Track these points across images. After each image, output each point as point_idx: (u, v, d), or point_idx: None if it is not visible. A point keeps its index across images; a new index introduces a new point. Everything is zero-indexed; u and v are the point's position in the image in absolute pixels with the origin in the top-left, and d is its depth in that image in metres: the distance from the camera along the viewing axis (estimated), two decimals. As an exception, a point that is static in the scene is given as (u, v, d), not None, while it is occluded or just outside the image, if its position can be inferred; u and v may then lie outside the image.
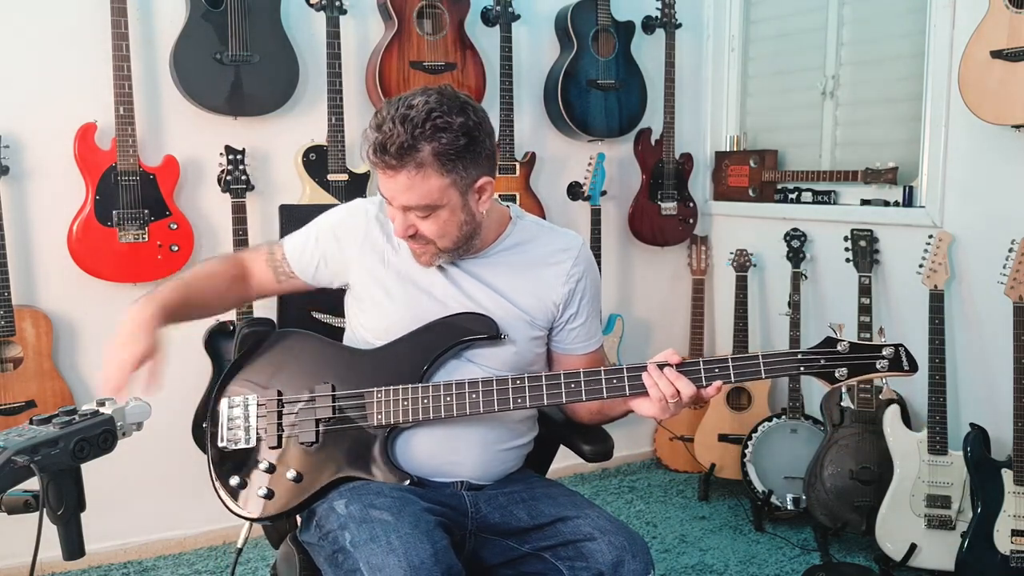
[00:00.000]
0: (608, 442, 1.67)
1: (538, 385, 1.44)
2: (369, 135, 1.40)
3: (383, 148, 1.36)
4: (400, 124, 1.36)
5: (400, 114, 1.36)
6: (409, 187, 1.39)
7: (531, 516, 1.49)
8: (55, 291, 2.53)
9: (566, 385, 1.43)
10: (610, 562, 1.39)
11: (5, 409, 2.39)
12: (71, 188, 2.46)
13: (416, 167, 1.37)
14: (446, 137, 1.37)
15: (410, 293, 1.55)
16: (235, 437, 1.49)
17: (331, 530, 1.38)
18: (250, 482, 1.48)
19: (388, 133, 1.36)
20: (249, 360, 1.56)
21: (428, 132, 1.36)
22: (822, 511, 2.74)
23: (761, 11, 3.44)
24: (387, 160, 1.37)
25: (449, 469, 1.53)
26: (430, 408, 1.45)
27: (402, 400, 1.46)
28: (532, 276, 1.57)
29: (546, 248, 1.60)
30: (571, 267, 1.59)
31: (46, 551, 1.06)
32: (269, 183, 2.76)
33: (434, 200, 1.40)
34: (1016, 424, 2.32)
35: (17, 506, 1.13)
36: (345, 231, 1.59)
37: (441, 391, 1.45)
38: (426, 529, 1.33)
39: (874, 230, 2.82)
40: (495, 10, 2.96)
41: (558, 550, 1.46)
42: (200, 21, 2.51)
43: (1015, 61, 2.26)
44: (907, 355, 1.40)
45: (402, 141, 1.35)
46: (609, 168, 3.23)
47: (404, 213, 1.43)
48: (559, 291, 1.57)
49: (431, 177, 1.38)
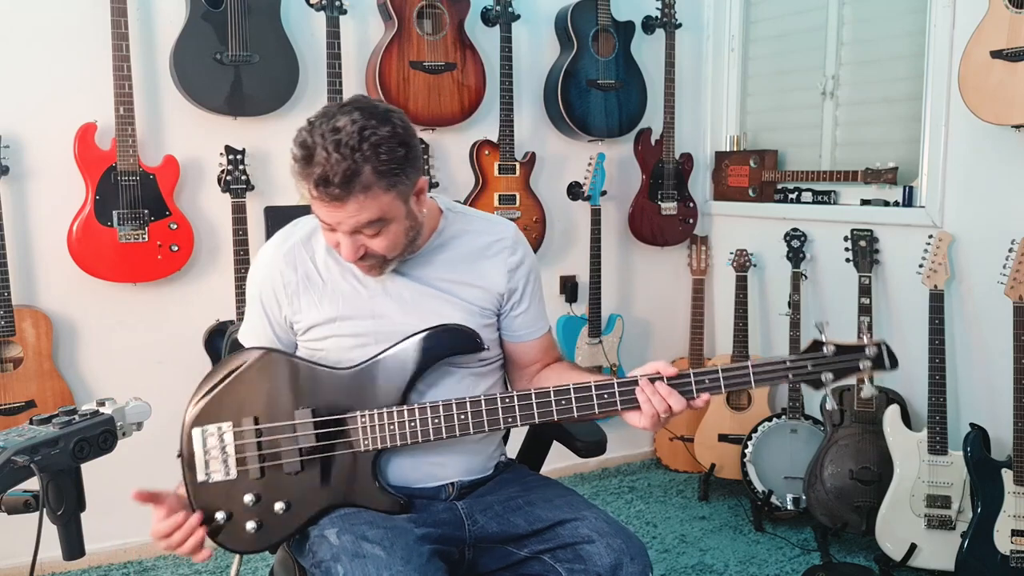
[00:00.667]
0: (600, 436, 1.67)
1: (528, 404, 1.41)
2: (301, 168, 1.32)
3: (325, 181, 1.29)
4: (336, 151, 1.29)
5: (332, 140, 1.29)
6: (358, 211, 1.33)
7: (529, 522, 1.48)
8: (55, 291, 2.53)
9: (556, 403, 1.41)
10: (608, 565, 1.39)
11: (5, 409, 2.39)
12: (71, 188, 2.46)
13: (362, 190, 1.31)
14: (385, 153, 1.31)
15: (359, 304, 1.50)
16: (215, 469, 1.41)
17: (323, 560, 1.37)
18: (237, 515, 1.41)
19: (326, 163, 1.29)
20: (219, 384, 1.45)
21: (368, 152, 1.30)
22: (822, 511, 2.74)
23: (761, 11, 3.44)
24: (332, 192, 1.30)
25: (437, 472, 1.52)
26: (418, 432, 1.41)
27: (387, 424, 1.42)
28: (471, 269, 1.55)
29: (481, 239, 1.57)
30: (508, 257, 1.57)
31: (46, 551, 1.06)
32: (269, 183, 2.76)
33: (383, 215, 1.35)
34: (1016, 424, 2.32)
35: (17, 506, 1.13)
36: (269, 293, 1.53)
37: (428, 413, 1.41)
38: (418, 564, 1.31)
39: (874, 230, 2.82)
40: (495, 10, 2.96)
41: (556, 552, 1.45)
42: (200, 21, 2.51)
43: (1015, 61, 2.26)
44: (888, 352, 1.41)
45: (344, 169, 1.28)
46: (609, 168, 3.23)
47: (352, 236, 1.37)
48: (500, 283, 1.56)
49: (379, 196, 1.33)
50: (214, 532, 1.43)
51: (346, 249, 1.39)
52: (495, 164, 3.01)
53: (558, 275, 3.33)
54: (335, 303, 1.49)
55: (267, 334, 1.55)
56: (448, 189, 3.01)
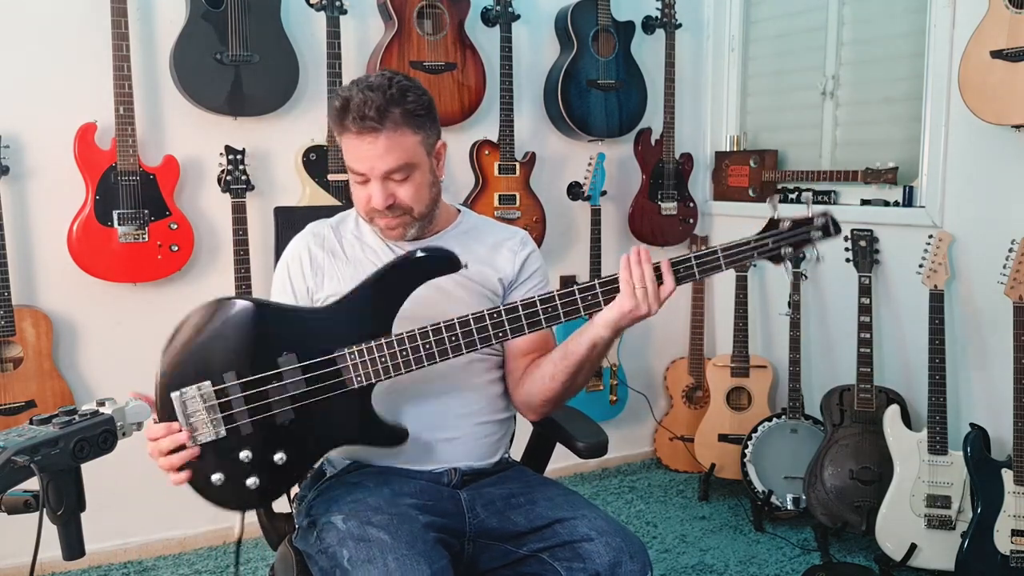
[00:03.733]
0: (601, 437, 1.68)
1: (516, 316, 1.39)
2: (338, 115, 1.46)
3: (361, 114, 1.43)
4: (370, 91, 1.44)
5: (365, 85, 1.45)
6: (388, 148, 1.45)
7: (528, 520, 1.49)
8: (55, 291, 2.53)
9: (544, 311, 1.39)
10: (607, 563, 1.39)
11: (5, 409, 2.39)
12: (71, 188, 2.45)
13: (393, 126, 1.44)
14: (412, 96, 1.46)
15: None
16: (202, 432, 1.34)
17: (330, 544, 1.37)
18: (235, 474, 1.37)
19: (361, 100, 1.43)
20: (192, 340, 1.37)
21: (396, 95, 1.44)
22: (822, 511, 2.74)
23: (761, 11, 3.44)
24: (368, 124, 1.43)
25: (441, 448, 1.54)
26: (411, 360, 1.38)
27: (378, 357, 1.38)
28: (484, 256, 1.63)
29: (495, 237, 1.68)
30: (520, 250, 1.66)
31: (46, 551, 1.06)
32: (269, 183, 2.76)
33: (411, 158, 1.48)
34: (1016, 424, 2.32)
35: (17, 506, 1.13)
36: (296, 264, 1.61)
37: (419, 340, 1.38)
38: (423, 550, 1.32)
39: (874, 230, 2.82)
40: (495, 10, 2.96)
41: (555, 551, 1.45)
42: (200, 21, 2.51)
43: (1015, 61, 2.26)
44: (832, 221, 1.51)
45: (378, 104, 1.43)
46: (609, 168, 3.23)
47: (383, 182, 1.48)
48: (510, 270, 1.64)
49: (407, 135, 1.46)
50: (214, 495, 1.38)
51: (377, 195, 1.48)
52: (495, 164, 3.01)
53: (558, 275, 3.33)
54: (356, 278, 1.50)
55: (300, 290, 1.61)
56: (448, 189, 3.01)
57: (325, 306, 1.47)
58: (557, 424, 1.73)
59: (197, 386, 1.35)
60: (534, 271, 1.67)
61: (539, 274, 1.68)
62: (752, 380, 3.19)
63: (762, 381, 3.20)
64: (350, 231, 1.64)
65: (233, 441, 1.36)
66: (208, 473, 1.36)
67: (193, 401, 1.35)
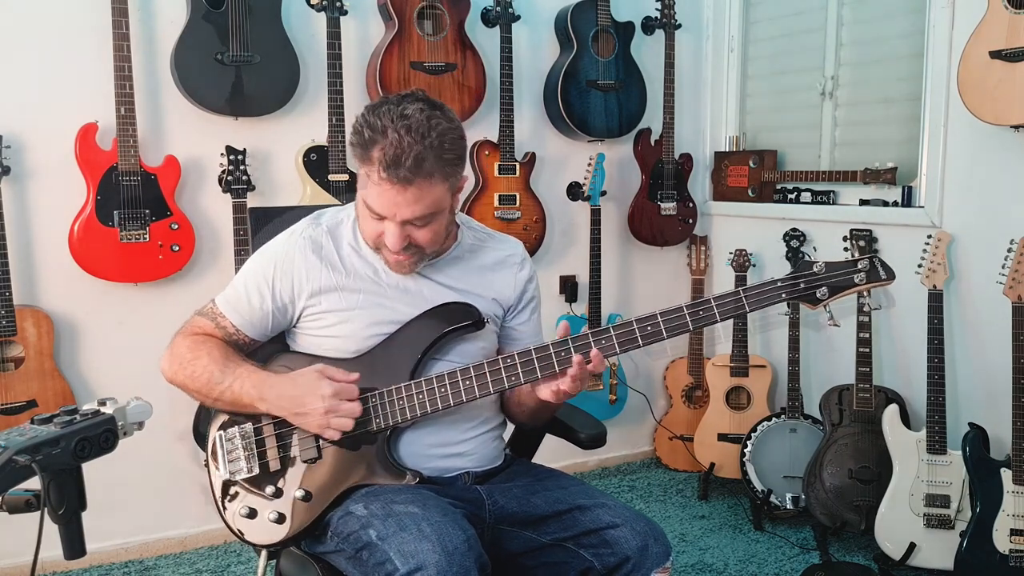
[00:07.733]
0: (601, 427, 1.73)
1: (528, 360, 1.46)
2: (366, 150, 1.33)
3: (396, 162, 1.30)
4: (408, 134, 1.30)
5: (403, 125, 1.31)
6: (417, 198, 1.35)
7: (548, 503, 1.52)
8: (56, 291, 2.54)
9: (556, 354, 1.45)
10: (636, 547, 1.44)
11: (6, 409, 2.40)
12: (72, 188, 2.46)
13: (426, 177, 1.33)
14: (449, 144, 1.35)
15: (376, 302, 1.53)
16: (237, 468, 1.49)
17: (352, 532, 1.39)
18: (259, 509, 1.48)
19: (399, 145, 1.30)
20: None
21: (435, 141, 1.32)
22: (821, 510, 2.74)
23: (761, 11, 3.45)
24: (400, 174, 1.31)
25: (454, 463, 1.56)
26: (426, 403, 1.46)
27: (397, 400, 1.46)
28: (483, 282, 1.61)
29: (495, 255, 1.64)
30: (519, 272, 1.65)
31: (47, 551, 1.07)
32: (270, 183, 2.76)
33: (437, 207, 1.39)
34: (1015, 424, 2.33)
35: (18, 506, 1.13)
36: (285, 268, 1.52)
37: (435, 383, 1.46)
38: (455, 518, 1.35)
39: (873, 230, 2.82)
40: (495, 11, 2.97)
41: (580, 539, 1.48)
42: (201, 21, 2.52)
43: (1014, 61, 2.27)
44: (882, 264, 1.44)
45: (416, 153, 1.30)
46: (609, 168, 3.24)
47: (402, 226, 1.40)
48: (510, 295, 1.63)
49: (436, 185, 1.36)
50: (242, 528, 1.49)
51: (394, 238, 1.40)
52: (495, 164, 3.02)
53: (558, 275, 3.34)
54: (355, 293, 1.52)
55: (261, 307, 1.53)
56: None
57: (356, 358, 1.51)
58: (556, 418, 1.76)
59: (239, 427, 1.50)
60: (531, 298, 1.68)
61: (536, 300, 1.69)
62: (751, 380, 3.19)
63: (761, 381, 3.20)
64: (347, 242, 1.55)
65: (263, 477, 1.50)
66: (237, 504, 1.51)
67: (233, 440, 1.51)
